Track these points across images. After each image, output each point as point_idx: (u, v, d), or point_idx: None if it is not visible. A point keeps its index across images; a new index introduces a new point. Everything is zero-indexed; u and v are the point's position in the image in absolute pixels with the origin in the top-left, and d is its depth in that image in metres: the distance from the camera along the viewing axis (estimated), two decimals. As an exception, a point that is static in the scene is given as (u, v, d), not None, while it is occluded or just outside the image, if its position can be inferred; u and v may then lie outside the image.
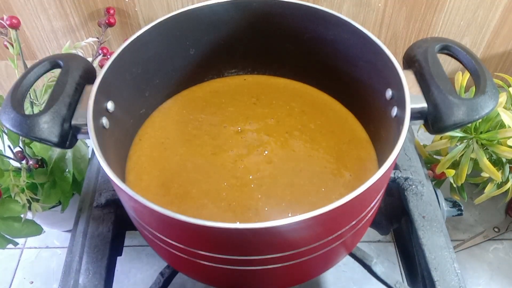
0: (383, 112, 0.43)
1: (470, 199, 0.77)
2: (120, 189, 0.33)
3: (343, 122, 0.50)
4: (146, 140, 0.49)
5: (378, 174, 0.32)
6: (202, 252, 0.36)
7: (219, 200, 0.43)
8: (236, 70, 0.56)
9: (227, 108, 0.52)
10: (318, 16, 0.45)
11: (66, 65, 0.41)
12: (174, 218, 0.30)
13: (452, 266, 0.46)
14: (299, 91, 0.54)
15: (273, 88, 0.55)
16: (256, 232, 0.31)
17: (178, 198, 0.44)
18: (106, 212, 0.51)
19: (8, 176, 0.57)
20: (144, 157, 0.47)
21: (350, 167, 0.46)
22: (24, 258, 0.75)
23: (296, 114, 0.51)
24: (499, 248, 0.74)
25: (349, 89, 0.49)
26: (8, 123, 0.37)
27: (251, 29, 0.50)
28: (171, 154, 0.48)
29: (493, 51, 0.83)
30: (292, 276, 0.42)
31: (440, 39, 0.42)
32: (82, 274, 0.46)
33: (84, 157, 0.63)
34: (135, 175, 0.46)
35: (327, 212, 0.30)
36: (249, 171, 0.45)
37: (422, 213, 0.50)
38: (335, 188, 0.44)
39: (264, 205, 0.43)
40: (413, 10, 0.74)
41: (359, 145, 0.48)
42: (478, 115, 0.37)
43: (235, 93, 0.54)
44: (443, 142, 0.64)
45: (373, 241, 0.75)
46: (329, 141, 0.48)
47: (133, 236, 0.73)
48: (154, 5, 0.72)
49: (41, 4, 0.71)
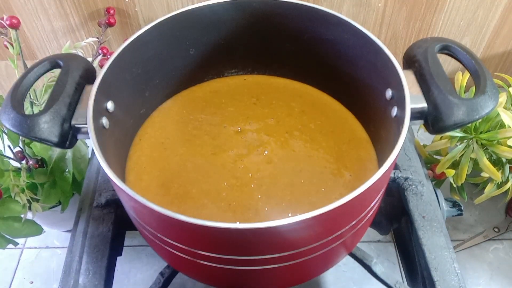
0: (383, 112, 0.43)
1: (470, 199, 0.77)
2: (120, 189, 0.33)
3: (343, 122, 0.50)
4: (146, 140, 0.49)
5: (378, 174, 0.32)
6: (202, 252, 0.36)
7: (219, 200, 0.43)
8: (236, 70, 0.56)
9: (227, 108, 0.52)
10: (318, 16, 0.45)
11: (66, 65, 0.41)
12: (174, 218, 0.30)
13: (452, 266, 0.46)
14: (299, 91, 0.54)
15: (273, 88, 0.55)
16: (256, 232, 0.31)
17: (178, 198, 0.44)
18: (106, 212, 0.51)
19: (8, 176, 0.57)
20: (144, 157, 0.47)
21: (350, 167, 0.46)
22: (24, 258, 0.75)
23: (296, 114, 0.51)
24: (499, 248, 0.74)
25: (349, 89, 0.49)
26: (8, 123, 0.37)
27: (251, 29, 0.50)
28: (171, 154, 0.48)
29: (493, 51, 0.83)
30: (292, 276, 0.42)
31: (440, 39, 0.42)
32: (82, 274, 0.46)
33: (84, 157, 0.63)
34: (135, 175, 0.46)
35: (327, 212, 0.30)
36: (249, 171, 0.45)
37: (422, 213, 0.50)
38: (335, 188, 0.44)
39: (264, 205, 0.43)
40: (413, 10, 0.74)
41: (359, 145, 0.48)
42: (478, 115, 0.37)
43: (235, 93, 0.54)
44: (443, 142, 0.64)
45: (373, 241, 0.75)
46: (329, 141, 0.48)
47: (133, 236, 0.73)
48: (154, 5, 0.72)
49: (41, 4, 0.71)
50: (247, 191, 0.44)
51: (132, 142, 0.49)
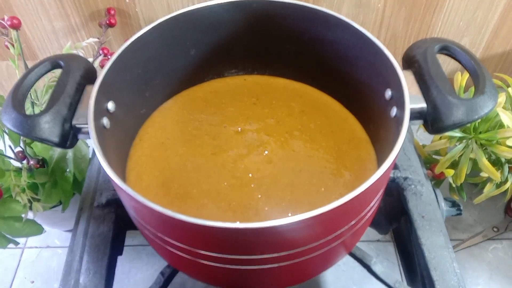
0: (382, 112, 0.43)
1: (469, 199, 0.77)
2: (120, 189, 0.33)
3: (343, 122, 0.51)
4: (146, 140, 0.49)
5: (378, 174, 0.33)
6: (202, 252, 0.36)
7: (219, 200, 0.43)
8: (236, 70, 0.56)
9: (227, 108, 0.52)
10: (318, 17, 0.46)
11: (67, 66, 0.41)
12: (175, 217, 0.31)
13: (451, 265, 0.46)
14: (299, 91, 0.54)
15: (273, 88, 0.55)
16: (256, 231, 0.31)
17: (178, 198, 0.44)
18: (106, 212, 0.51)
19: (9, 176, 0.57)
20: (144, 157, 0.48)
21: (350, 167, 0.46)
22: (25, 257, 0.75)
23: (296, 114, 0.51)
24: (498, 248, 0.74)
25: (349, 89, 0.50)
26: (9, 123, 0.37)
27: (251, 30, 0.50)
28: (172, 154, 0.48)
29: (492, 52, 0.83)
30: (292, 276, 0.42)
31: (439, 39, 0.42)
32: (83, 273, 0.46)
33: (84, 157, 0.64)
34: (136, 175, 0.46)
35: (326, 212, 0.31)
36: (249, 171, 0.46)
37: (421, 213, 0.50)
38: (335, 188, 0.44)
39: (264, 205, 0.43)
40: (412, 11, 0.74)
41: (359, 145, 0.48)
42: (477, 115, 0.37)
43: (235, 93, 0.54)
44: (442, 142, 0.64)
45: (372, 241, 0.75)
46: (329, 141, 0.49)
47: (134, 235, 0.73)
48: (154, 5, 0.72)
49: (42, 5, 0.71)
50: (247, 191, 0.44)
51: (132, 142, 0.49)
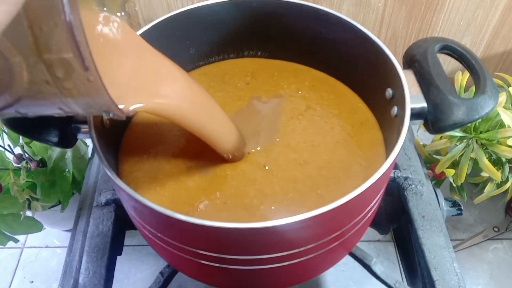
0: (383, 111, 0.43)
1: (470, 199, 0.77)
2: (120, 189, 0.33)
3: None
4: (145, 138, 0.49)
5: (378, 174, 0.32)
6: (202, 252, 0.36)
7: (216, 198, 0.43)
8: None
9: (216, 93, 0.51)
10: (318, 16, 0.45)
11: (66, 65, 0.41)
12: (174, 217, 0.30)
13: (451, 265, 0.46)
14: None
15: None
16: (256, 231, 0.31)
17: (176, 196, 0.44)
18: (106, 212, 0.51)
19: (8, 175, 0.57)
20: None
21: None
22: (24, 257, 0.75)
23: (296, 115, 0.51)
24: (498, 248, 0.74)
25: (349, 88, 0.49)
26: (9, 123, 0.37)
27: (251, 29, 0.50)
28: (168, 151, 0.47)
29: (492, 51, 0.83)
30: (292, 276, 0.42)
31: (440, 38, 0.42)
32: (82, 273, 0.46)
33: (84, 157, 0.64)
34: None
35: (326, 212, 0.30)
36: (247, 167, 0.45)
37: (421, 213, 0.50)
38: (335, 188, 0.44)
39: (263, 203, 0.43)
40: (412, 10, 0.74)
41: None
42: (478, 115, 0.37)
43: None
44: (442, 141, 0.64)
45: (372, 241, 0.75)
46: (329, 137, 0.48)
47: (133, 235, 0.73)
48: (154, 4, 0.72)
49: (41, 4, 0.71)
50: (245, 187, 0.43)
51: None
